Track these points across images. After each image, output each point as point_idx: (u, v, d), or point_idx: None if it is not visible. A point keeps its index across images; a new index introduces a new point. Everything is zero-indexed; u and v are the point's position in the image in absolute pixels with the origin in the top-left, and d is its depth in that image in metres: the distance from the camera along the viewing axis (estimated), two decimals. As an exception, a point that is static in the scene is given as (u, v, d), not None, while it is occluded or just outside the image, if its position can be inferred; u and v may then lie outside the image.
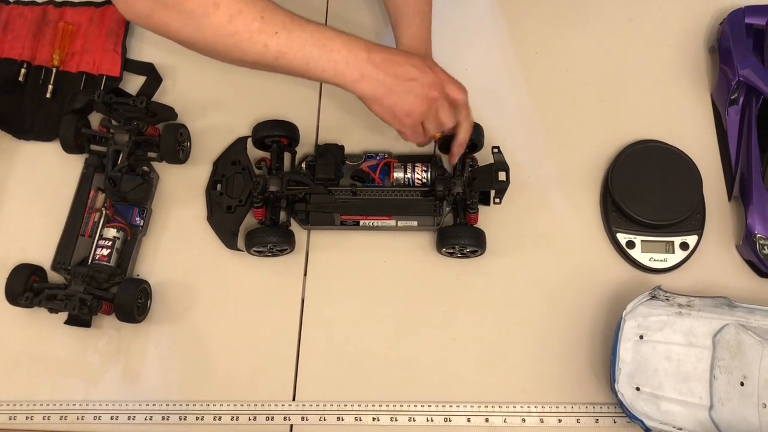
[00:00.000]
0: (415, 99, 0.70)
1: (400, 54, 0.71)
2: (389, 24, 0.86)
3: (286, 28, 0.65)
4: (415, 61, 0.71)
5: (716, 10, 0.98)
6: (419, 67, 0.70)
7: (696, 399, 0.75)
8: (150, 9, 0.65)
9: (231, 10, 0.64)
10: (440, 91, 0.71)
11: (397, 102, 0.70)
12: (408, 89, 0.69)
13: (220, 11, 0.63)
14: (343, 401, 0.79)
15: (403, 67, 0.69)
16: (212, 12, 0.63)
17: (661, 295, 0.78)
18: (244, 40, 0.65)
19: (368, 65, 0.68)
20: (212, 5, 0.63)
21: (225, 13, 0.64)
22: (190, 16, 0.64)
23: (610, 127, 0.91)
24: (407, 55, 0.72)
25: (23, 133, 0.92)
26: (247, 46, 0.65)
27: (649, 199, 0.84)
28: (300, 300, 0.84)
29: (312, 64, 0.67)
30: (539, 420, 0.78)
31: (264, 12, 0.65)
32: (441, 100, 0.72)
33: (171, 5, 0.64)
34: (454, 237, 0.81)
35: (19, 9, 0.97)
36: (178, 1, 0.63)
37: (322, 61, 0.67)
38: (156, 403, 0.79)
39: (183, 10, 0.64)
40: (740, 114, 0.89)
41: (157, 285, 0.84)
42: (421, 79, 0.70)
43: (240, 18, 0.64)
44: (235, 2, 0.64)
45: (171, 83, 0.95)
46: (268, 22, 0.65)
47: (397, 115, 0.71)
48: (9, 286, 0.81)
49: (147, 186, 0.86)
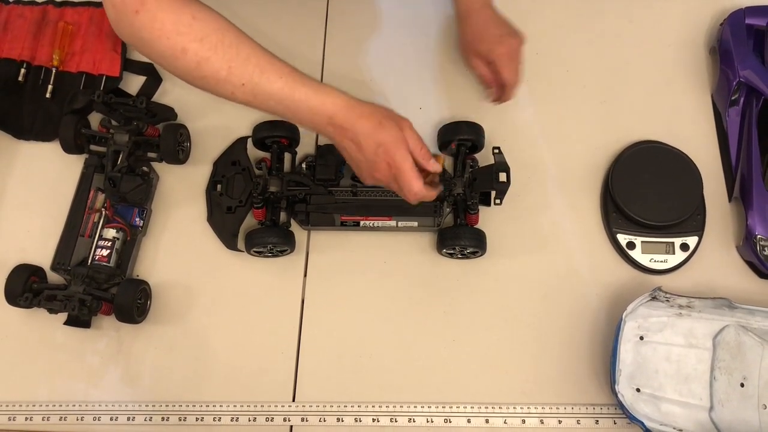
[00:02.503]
0: (361, 171, 0.72)
1: (359, 127, 0.68)
2: (388, 23, 0.86)
3: (252, 81, 0.67)
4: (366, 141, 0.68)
5: (717, 11, 0.97)
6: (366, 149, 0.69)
7: (696, 400, 0.75)
8: (130, 40, 0.69)
9: (198, 57, 0.66)
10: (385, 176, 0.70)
11: (350, 163, 0.72)
12: (355, 162, 0.71)
13: (188, 57, 0.66)
14: (342, 402, 0.79)
15: (353, 143, 0.69)
16: (180, 56, 0.66)
17: (661, 296, 0.78)
18: (213, 84, 0.68)
19: (329, 129, 0.70)
20: (180, 51, 0.66)
21: (192, 59, 0.66)
22: (162, 55, 0.67)
23: (611, 128, 0.91)
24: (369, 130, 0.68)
25: (23, 134, 0.92)
26: (216, 89, 0.68)
27: (649, 199, 0.84)
28: (300, 301, 0.84)
29: (278, 115, 0.71)
30: (539, 421, 0.78)
31: (233, 62, 0.66)
32: (391, 184, 0.71)
33: (146, 42, 0.67)
34: (455, 238, 0.81)
35: (19, 9, 0.97)
36: (151, 40, 0.66)
37: (287, 116, 0.70)
38: (155, 404, 0.79)
39: (155, 49, 0.67)
40: (741, 115, 0.89)
41: (156, 286, 0.84)
42: (365, 160, 0.70)
43: (207, 65, 0.66)
44: (203, 50, 0.66)
45: (171, 83, 0.95)
46: (235, 74, 0.67)
47: (360, 175, 0.74)
48: (8, 286, 0.80)
49: (147, 186, 0.86)
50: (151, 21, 0.65)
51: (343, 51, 0.97)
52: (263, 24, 0.94)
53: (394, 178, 0.70)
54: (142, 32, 0.66)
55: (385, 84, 0.94)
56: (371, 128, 0.69)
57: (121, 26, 0.67)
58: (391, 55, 0.97)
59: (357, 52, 0.97)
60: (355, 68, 0.96)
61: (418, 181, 0.70)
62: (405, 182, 0.70)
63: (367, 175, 0.72)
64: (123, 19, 0.66)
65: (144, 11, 0.65)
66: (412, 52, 0.97)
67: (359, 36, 0.98)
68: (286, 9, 0.99)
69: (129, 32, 0.67)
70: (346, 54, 0.97)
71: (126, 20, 0.66)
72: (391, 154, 0.69)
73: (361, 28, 0.99)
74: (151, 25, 0.65)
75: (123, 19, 0.66)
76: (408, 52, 0.97)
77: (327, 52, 0.97)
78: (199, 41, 0.65)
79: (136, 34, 0.66)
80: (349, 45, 0.98)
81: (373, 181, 0.73)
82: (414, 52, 0.97)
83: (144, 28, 0.65)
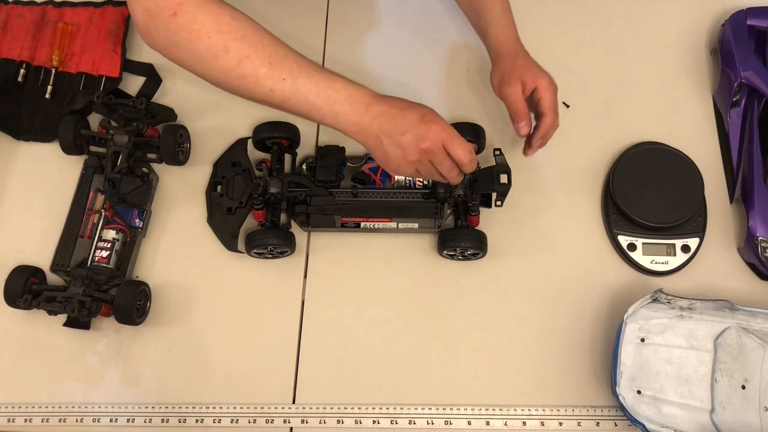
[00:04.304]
0: (403, 152, 0.70)
1: (399, 107, 0.70)
2: (389, 23, 0.86)
3: (292, 75, 0.68)
4: (411, 115, 0.69)
5: (718, 12, 0.97)
6: (412, 121, 0.69)
7: (697, 402, 0.75)
8: (165, 45, 0.68)
9: (240, 54, 0.66)
10: (434, 144, 0.70)
11: (386, 154, 0.71)
12: (397, 142, 0.70)
13: (230, 55, 0.66)
14: (343, 404, 0.79)
15: (395, 121, 0.69)
16: (222, 55, 0.66)
17: (662, 298, 0.77)
18: (251, 83, 0.68)
19: (366, 117, 0.69)
20: (222, 49, 0.66)
21: (234, 57, 0.66)
22: (200, 57, 0.67)
23: (612, 129, 0.91)
24: (408, 107, 0.70)
25: (22, 134, 0.92)
26: (254, 88, 0.68)
27: (650, 201, 0.84)
28: (300, 302, 0.84)
29: (314, 111, 0.70)
30: (540, 423, 0.78)
31: (273, 58, 0.67)
32: (437, 154, 0.70)
33: (183, 44, 0.67)
34: (456, 239, 0.81)
35: (19, 9, 0.97)
36: (189, 41, 0.66)
37: (324, 110, 0.69)
38: (155, 406, 0.79)
39: (194, 50, 0.67)
40: (742, 116, 0.89)
41: (156, 287, 0.84)
42: (411, 132, 0.69)
43: (248, 62, 0.67)
44: (245, 47, 0.67)
45: (171, 84, 0.95)
46: (276, 69, 0.67)
47: (389, 165, 0.72)
48: (8, 287, 0.80)
49: (146, 187, 0.86)
50: (191, 22, 0.65)
51: (343, 52, 0.97)
52: (263, 24, 0.94)
53: (442, 144, 0.70)
54: (179, 34, 0.66)
55: (385, 85, 0.94)
56: (409, 104, 0.71)
57: (155, 31, 0.67)
58: (392, 56, 0.97)
59: (357, 53, 0.97)
60: (355, 69, 0.96)
61: (468, 144, 0.71)
62: (457, 144, 0.70)
63: (412, 150, 0.70)
64: (158, 24, 0.66)
65: (182, 12, 0.65)
66: (413, 53, 0.97)
67: (359, 37, 0.98)
68: (286, 8, 0.99)
69: (164, 36, 0.67)
70: (346, 54, 0.97)
71: (162, 24, 0.66)
72: (436, 119, 0.70)
73: (361, 28, 0.99)
74: (191, 26, 0.65)
75: (158, 24, 0.66)
76: (408, 52, 0.97)
77: (327, 52, 0.97)
78: (240, 39, 0.66)
79: (173, 38, 0.66)
80: (349, 46, 0.97)
81: (413, 164, 0.71)
82: (414, 53, 0.97)
83: (182, 30, 0.66)
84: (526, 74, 0.80)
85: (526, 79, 0.79)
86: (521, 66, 0.81)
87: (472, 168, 0.73)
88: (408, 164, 0.71)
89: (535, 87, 0.79)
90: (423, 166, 0.72)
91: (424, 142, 0.69)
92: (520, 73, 0.80)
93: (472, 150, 0.71)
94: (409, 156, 0.70)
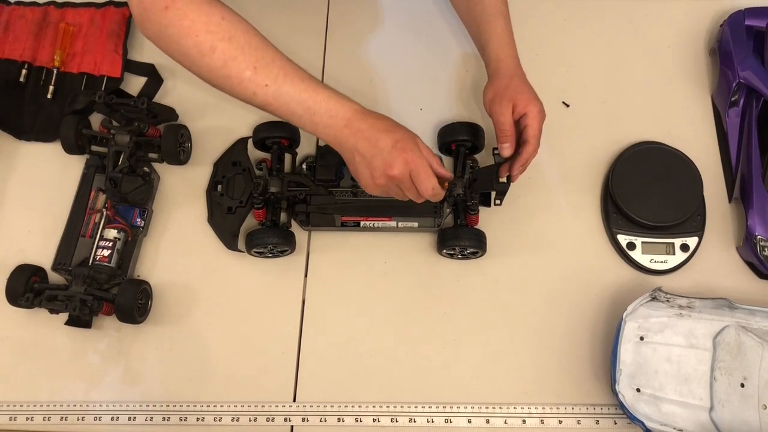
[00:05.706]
0: (371, 174, 0.71)
1: (377, 128, 0.70)
2: (389, 24, 0.86)
3: (276, 82, 0.68)
4: (386, 139, 0.69)
5: (716, 12, 0.98)
6: (385, 146, 0.69)
7: (696, 400, 0.75)
8: (156, 37, 0.69)
9: (226, 56, 0.67)
10: (401, 173, 0.69)
11: (357, 171, 0.72)
12: (368, 163, 0.70)
13: (216, 55, 0.67)
14: (343, 402, 0.79)
15: (369, 143, 0.69)
16: (208, 54, 0.67)
17: (661, 296, 0.78)
18: (235, 84, 0.69)
19: (344, 132, 0.70)
20: (209, 48, 0.67)
21: (220, 57, 0.67)
22: (188, 53, 0.68)
23: (611, 129, 0.91)
24: (386, 130, 0.70)
25: (24, 134, 0.92)
26: (238, 90, 0.69)
27: (649, 200, 0.84)
28: (300, 301, 0.84)
29: (294, 118, 0.70)
30: (540, 421, 0.78)
31: (259, 62, 0.68)
32: (403, 182, 0.71)
33: (173, 38, 0.67)
34: (455, 238, 0.81)
35: (20, 10, 0.97)
36: (178, 37, 0.67)
37: (304, 119, 0.70)
38: (156, 404, 0.79)
39: (182, 46, 0.68)
40: (740, 116, 0.89)
41: (157, 286, 0.84)
42: (381, 157, 0.69)
43: (234, 64, 0.67)
44: (231, 49, 0.67)
45: (172, 84, 0.95)
46: (260, 74, 0.68)
47: (359, 181, 0.73)
48: (9, 286, 0.80)
49: (148, 187, 0.86)
50: (181, 18, 0.66)
51: (343, 53, 0.97)
52: (263, 25, 0.94)
53: (409, 174, 0.70)
54: (169, 29, 0.67)
55: (385, 86, 0.95)
56: (388, 127, 0.70)
57: (147, 23, 0.68)
58: (392, 56, 0.97)
59: (357, 53, 0.97)
60: (355, 70, 0.96)
61: (434, 177, 0.71)
62: (423, 177, 0.70)
63: (379, 174, 0.70)
64: (150, 16, 0.67)
65: (174, 8, 0.66)
66: (413, 54, 0.97)
67: (359, 38, 0.99)
68: (286, 11, 0.99)
69: (156, 29, 0.68)
70: (346, 56, 0.97)
71: (154, 16, 0.67)
72: (409, 148, 0.69)
73: (361, 30, 0.99)
74: (180, 22, 0.66)
75: (150, 16, 0.67)
76: (408, 53, 0.97)
77: (327, 53, 0.97)
78: (227, 40, 0.67)
79: (163, 31, 0.67)
80: (350, 47, 0.98)
81: (380, 187, 0.71)
82: (414, 54, 0.97)
83: (172, 25, 0.66)
84: (518, 97, 0.78)
85: (518, 102, 0.78)
86: (516, 87, 0.79)
87: (437, 199, 0.73)
88: (375, 186, 0.72)
89: (524, 113, 0.78)
90: (390, 190, 0.72)
91: (392, 169, 0.69)
92: (513, 94, 0.78)
93: (436, 185, 0.71)
94: (377, 179, 0.71)
